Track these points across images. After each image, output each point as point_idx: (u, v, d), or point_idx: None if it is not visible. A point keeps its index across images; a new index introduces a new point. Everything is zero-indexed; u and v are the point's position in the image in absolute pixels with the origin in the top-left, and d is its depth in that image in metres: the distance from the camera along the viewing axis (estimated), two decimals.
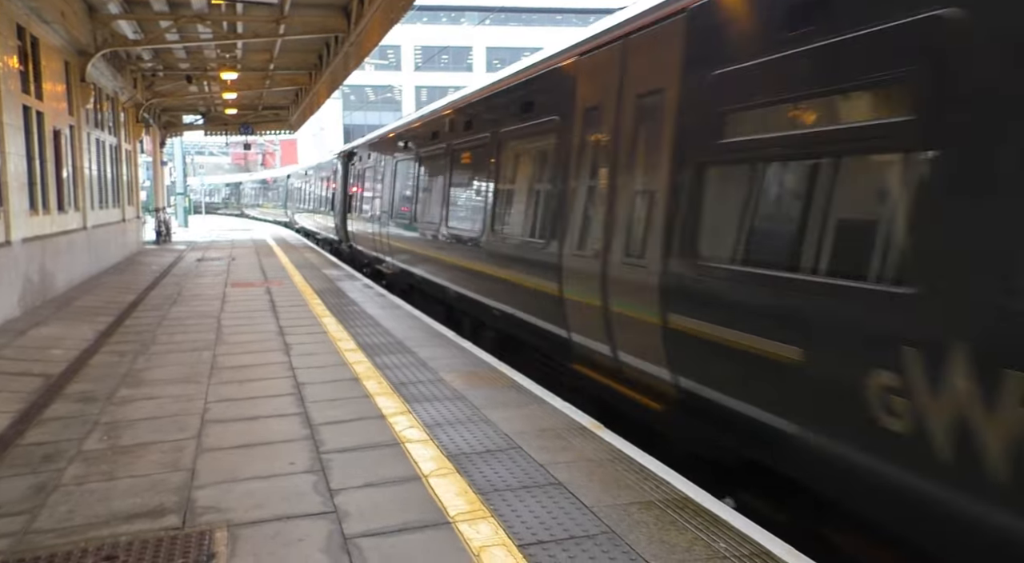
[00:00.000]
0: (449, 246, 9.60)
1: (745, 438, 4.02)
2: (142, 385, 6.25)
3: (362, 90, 63.89)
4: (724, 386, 4.11)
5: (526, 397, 5.69)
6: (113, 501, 3.85)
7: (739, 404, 3.96)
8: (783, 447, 3.65)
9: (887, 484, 3.03)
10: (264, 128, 31.63)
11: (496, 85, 8.31)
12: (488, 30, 60.34)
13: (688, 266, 4.38)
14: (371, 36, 13.88)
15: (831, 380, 3.29)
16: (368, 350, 7.44)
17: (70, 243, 12.85)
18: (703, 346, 4.21)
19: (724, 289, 4.04)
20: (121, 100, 19.10)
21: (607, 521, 3.50)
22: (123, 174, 19.39)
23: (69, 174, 13.29)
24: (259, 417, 5.29)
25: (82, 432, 5.00)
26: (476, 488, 3.91)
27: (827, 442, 3.36)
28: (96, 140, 16.04)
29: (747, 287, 3.84)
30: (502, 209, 7.72)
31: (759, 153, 3.91)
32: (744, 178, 4.01)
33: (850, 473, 3.23)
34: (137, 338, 8.32)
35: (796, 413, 3.54)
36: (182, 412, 5.43)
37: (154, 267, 16.73)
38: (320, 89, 20.71)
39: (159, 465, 4.36)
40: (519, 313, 7.19)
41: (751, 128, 3.99)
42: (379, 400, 5.63)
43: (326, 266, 16.82)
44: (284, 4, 13.14)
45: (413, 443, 4.64)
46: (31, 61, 11.11)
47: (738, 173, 4.08)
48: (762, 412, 3.77)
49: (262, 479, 4.11)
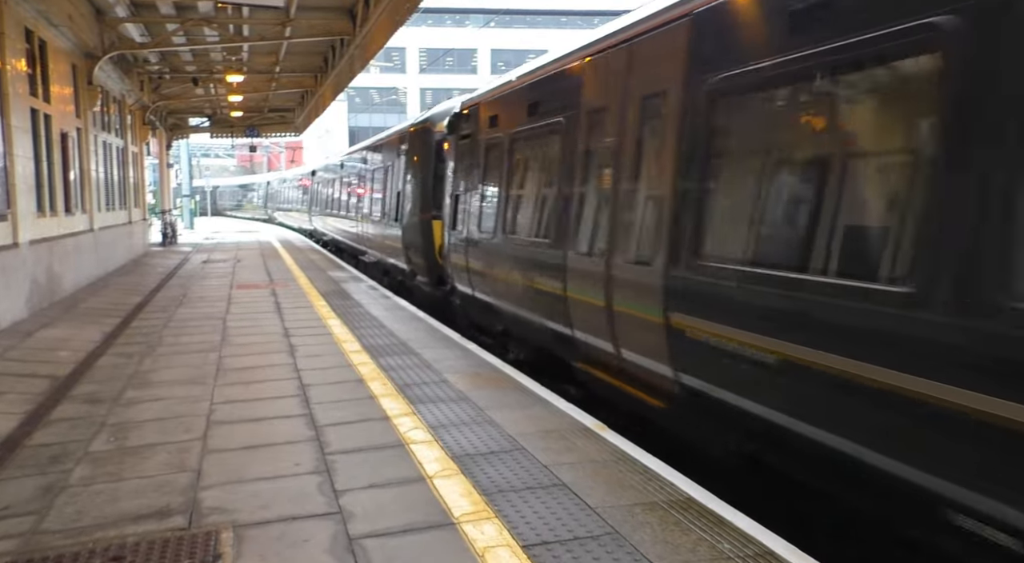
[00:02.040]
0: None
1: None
2: (148, 386, 6.28)
3: (367, 92, 64.07)
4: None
5: (530, 398, 5.70)
6: (120, 502, 3.87)
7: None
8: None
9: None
10: (270, 130, 31.73)
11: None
12: (493, 32, 60.45)
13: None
14: (376, 39, 13.92)
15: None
16: (373, 351, 7.46)
17: (77, 245, 12.92)
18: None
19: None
20: (128, 103, 19.20)
21: (611, 522, 3.51)
22: (129, 176, 19.46)
23: (76, 176, 13.36)
24: (264, 418, 5.32)
25: (89, 433, 5.03)
26: (480, 489, 3.92)
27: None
28: (103, 142, 16.12)
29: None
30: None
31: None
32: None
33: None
34: (144, 339, 8.36)
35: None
36: (188, 413, 5.46)
37: (160, 269, 16.80)
38: (325, 91, 20.77)
39: (165, 466, 4.39)
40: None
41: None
42: (384, 401, 5.65)
43: (331, 268, 16.85)
44: (290, 7, 13.19)
45: (418, 444, 4.65)
46: (39, 64, 11.18)
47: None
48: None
49: (267, 480, 4.13)
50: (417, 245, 12.13)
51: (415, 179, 12.32)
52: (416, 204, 12.10)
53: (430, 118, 12.25)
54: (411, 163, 12.70)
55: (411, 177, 12.58)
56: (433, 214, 11.46)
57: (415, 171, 12.39)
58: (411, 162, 12.70)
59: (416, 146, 12.50)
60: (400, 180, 13.33)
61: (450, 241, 9.90)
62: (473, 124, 9.14)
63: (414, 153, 12.55)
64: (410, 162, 12.76)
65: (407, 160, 12.96)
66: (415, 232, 12.17)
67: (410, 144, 12.87)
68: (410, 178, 12.62)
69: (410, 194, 12.50)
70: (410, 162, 12.76)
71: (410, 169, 12.71)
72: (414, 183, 12.35)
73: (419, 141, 12.36)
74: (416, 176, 12.31)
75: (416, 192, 12.19)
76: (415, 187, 12.26)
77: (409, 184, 12.64)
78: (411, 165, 12.67)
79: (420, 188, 12.02)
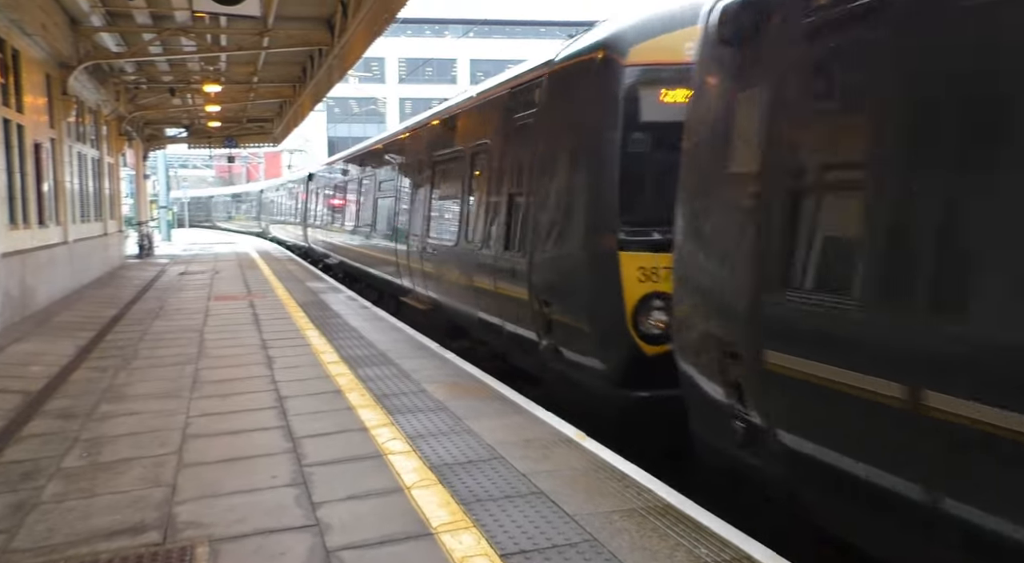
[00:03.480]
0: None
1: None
2: (123, 400, 6.20)
3: (346, 102, 63.92)
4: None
5: (509, 407, 5.70)
6: (93, 518, 3.82)
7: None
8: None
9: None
10: (248, 141, 31.53)
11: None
12: (472, 42, 60.62)
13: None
14: (355, 49, 13.93)
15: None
16: (351, 362, 7.43)
17: (51, 257, 12.74)
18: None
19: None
20: (103, 113, 19.01)
21: (589, 529, 3.52)
22: (105, 188, 19.25)
23: (50, 188, 13.19)
24: (241, 431, 5.27)
25: (62, 449, 4.96)
26: (459, 499, 3.91)
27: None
28: (78, 153, 15.94)
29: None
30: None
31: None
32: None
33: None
34: (119, 353, 8.26)
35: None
36: (163, 427, 5.39)
37: (136, 281, 16.61)
38: (304, 101, 20.71)
39: (140, 481, 4.33)
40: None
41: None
42: (362, 412, 5.62)
43: (310, 279, 16.76)
44: (267, 17, 13.15)
45: (396, 455, 4.64)
46: (12, 74, 11.05)
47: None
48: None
49: (244, 493, 4.09)
50: (573, 297, 6.12)
51: (568, 170, 6.20)
52: (573, 220, 6.09)
53: (614, 37, 5.86)
54: (553, 137, 6.52)
55: (557, 165, 6.38)
56: (623, 235, 5.61)
57: (568, 154, 6.23)
58: (552, 135, 6.54)
59: (568, 102, 6.39)
60: (524, 172, 7.00)
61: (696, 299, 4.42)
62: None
63: (564, 117, 6.44)
64: (550, 135, 6.57)
65: (540, 134, 6.73)
66: (569, 272, 6.16)
67: (549, 98, 6.64)
68: (552, 167, 6.44)
69: (556, 200, 6.32)
70: (550, 135, 6.57)
71: (552, 150, 6.49)
72: (566, 177, 6.23)
73: (581, 88, 6.17)
74: (571, 164, 6.16)
75: (573, 196, 6.10)
76: (570, 186, 6.14)
77: (550, 179, 6.45)
78: (554, 142, 6.49)
79: (587, 186, 5.94)
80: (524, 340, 7.00)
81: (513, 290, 7.06)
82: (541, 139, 6.67)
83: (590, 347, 5.87)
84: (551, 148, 6.48)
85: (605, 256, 5.62)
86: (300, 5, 13.13)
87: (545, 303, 6.44)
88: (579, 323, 5.99)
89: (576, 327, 6.03)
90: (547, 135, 6.59)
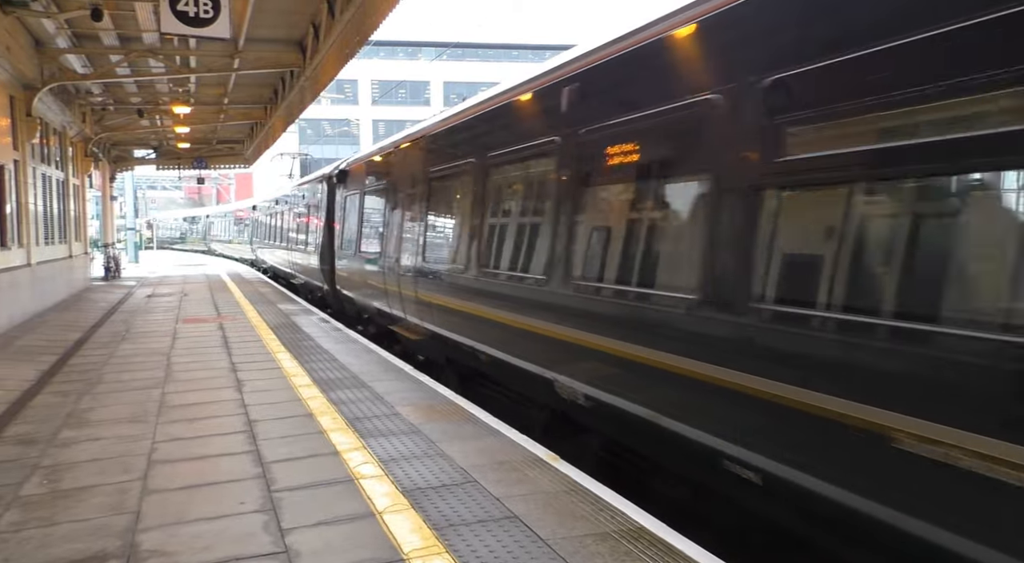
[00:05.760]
0: None
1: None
2: (86, 426, 6.04)
3: (319, 124, 63.79)
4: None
5: (483, 430, 5.66)
6: (52, 547, 3.69)
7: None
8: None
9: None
10: (218, 162, 31.29)
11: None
12: (445, 65, 61.00)
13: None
14: (327, 71, 13.93)
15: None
16: (323, 385, 7.33)
17: (13, 281, 12.45)
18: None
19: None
20: (69, 134, 18.72)
21: (562, 554, 3.48)
22: (70, 209, 18.91)
23: (13, 210, 12.93)
24: (209, 456, 5.16)
25: (21, 476, 4.81)
26: (431, 523, 3.86)
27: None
28: (42, 175, 15.65)
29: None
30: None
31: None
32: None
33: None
34: (82, 377, 8.06)
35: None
36: (128, 453, 5.26)
37: (102, 304, 16.28)
38: (276, 123, 20.63)
39: (102, 508, 4.21)
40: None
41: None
42: (333, 436, 5.54)
43: (281, 300, 16.57)
44: (238, 39, 13.12)
45: (367, 479, 4.57)
46: None
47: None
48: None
49: (210, 520, 3.99)
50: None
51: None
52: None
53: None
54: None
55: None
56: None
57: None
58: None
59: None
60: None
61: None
62: None
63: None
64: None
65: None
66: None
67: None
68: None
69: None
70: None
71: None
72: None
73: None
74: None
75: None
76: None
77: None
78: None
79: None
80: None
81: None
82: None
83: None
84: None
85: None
86: (271, 27, 13.12)
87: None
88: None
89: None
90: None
